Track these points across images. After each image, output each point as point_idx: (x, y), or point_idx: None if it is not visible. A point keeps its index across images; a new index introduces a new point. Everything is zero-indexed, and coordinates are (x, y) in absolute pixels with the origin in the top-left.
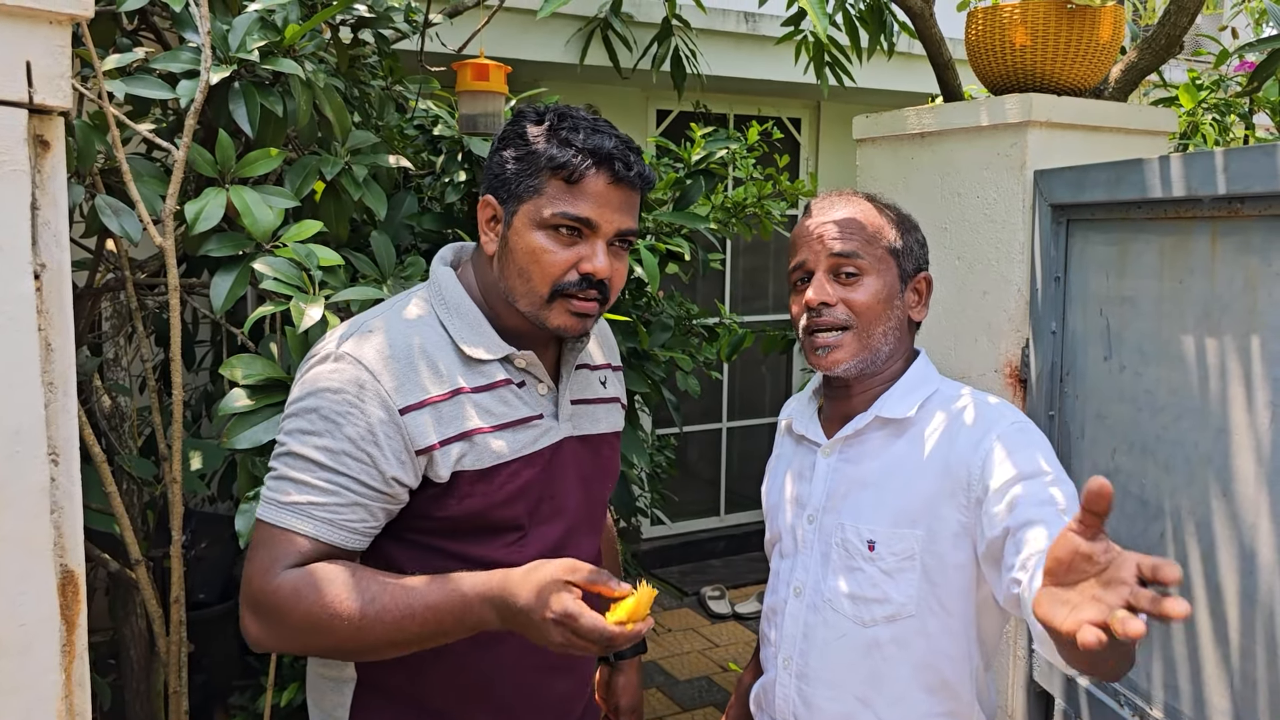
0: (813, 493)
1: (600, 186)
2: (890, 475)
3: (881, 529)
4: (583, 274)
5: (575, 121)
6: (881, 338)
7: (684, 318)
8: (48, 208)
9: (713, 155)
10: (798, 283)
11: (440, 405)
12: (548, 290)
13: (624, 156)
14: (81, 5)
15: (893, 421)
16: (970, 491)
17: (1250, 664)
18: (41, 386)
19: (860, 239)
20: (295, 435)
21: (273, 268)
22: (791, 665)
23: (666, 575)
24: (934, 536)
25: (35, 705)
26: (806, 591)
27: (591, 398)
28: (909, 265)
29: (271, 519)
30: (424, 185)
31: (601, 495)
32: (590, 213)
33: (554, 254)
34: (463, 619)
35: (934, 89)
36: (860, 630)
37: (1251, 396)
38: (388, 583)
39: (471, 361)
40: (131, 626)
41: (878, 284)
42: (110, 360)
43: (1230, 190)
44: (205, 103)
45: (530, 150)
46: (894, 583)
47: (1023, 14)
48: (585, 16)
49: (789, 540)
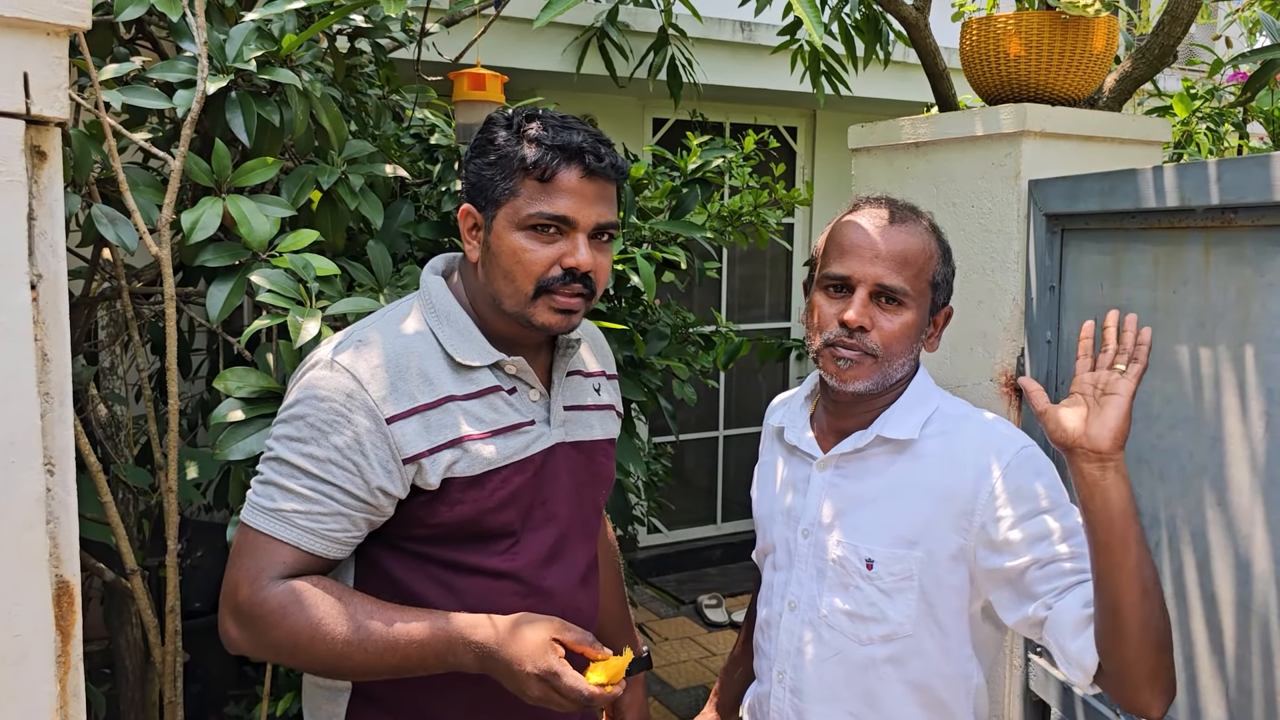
0: (807, 506)
1: (574, 182)
2: (891, 495)
3: (880, 549)
4: (565, 269)
5: (542, 120)
6: (900, 368)
7: (680, 326)
8: (44, 218)
9: (709, 164)
10: (831, 289)
11: (429, 413)
12: (532, 288)
13: (594, 149)
14: (79, 17)
15: (894, 441)
16: (972, 520)
17: (1245, 672)
18: (37, 396)
19: (911, 272)
20: (283, 441)
21: (269, 280)
22: (785, 680)
23: (663, 584)
24: (933, 558)
25: (30, 716)
26: (801, 607)
27: (585, 404)
28: (940, 299)
29: (256, 524)
30: (420, 194)
31: (595, 501)
32: (567, 209)
33: (535, 252)
34: (444, 658)
35: (930, 98)
36: (856, 648)
37: (1245, 406)
38: (375, 611)
39: (462, 369)
40: (127, 636)
41: (912, 317)
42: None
43: (1223, 201)
44: (202, 112)
45: (502, 154)
46: (891, 602)
47: (1017, 25)
48: (582, 25)
49: (783, 553)
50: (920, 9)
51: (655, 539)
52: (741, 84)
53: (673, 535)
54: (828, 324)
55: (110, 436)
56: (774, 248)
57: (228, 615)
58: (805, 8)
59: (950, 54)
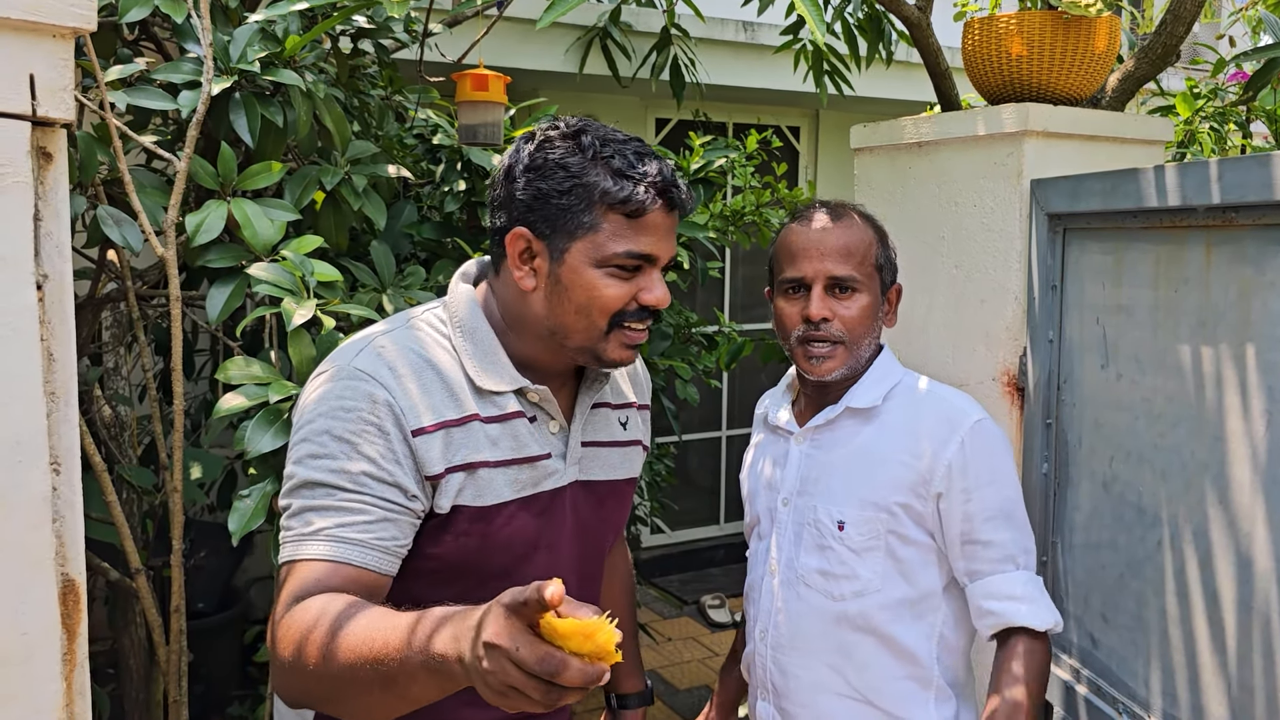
0: (786, 477)
1: (660, 218)
2: (859, 461)
3: (850, 511)
4: (642, 305)
5: (617, 146)
6: (865, 348)
7: (683, 326)
8: (50, 219)
9: (712, 164)
10: (789, 291)
11: (453, 430)
12: (606, 323)
13: (676, 183)
14: (85, 19)
15: (860, 411)
16: (930, 486)
17: (1247, 671)
18: (44, 396)
19: (856, 260)
20: (306, 463)
21: (268, 272)
22: (768, 637)
23: (666, 584)
24: (896, 519)
25: (36, 714)
26: (781, 568)
27: (606, 440)
28: (888, 278)
29: (299, 554)
30: (423, 195)
31: (600, 548)
32: (653, 248)
33: (616, 289)
34: (432, 676)
35: (932, 97)
36: (830, 604)
37: (1247, 405)
38: (373, 621)
39: (483, 391)
40: (131, 636)
41: (867, 300)
42: (110, 370)
43: (1224, 200)
44: (206, 113)
45: (579, 182)
46: (861, 560)
47: (1019, 24)
48: (584, 26)
49: (766, 522)
50: (923, 9)
51: (658, 539)
52: (744, 84)
53: (676, 535)
54: (794, 323)
55: (114, 437)
56: None
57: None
58: (808, 7)
59: (953, 53)
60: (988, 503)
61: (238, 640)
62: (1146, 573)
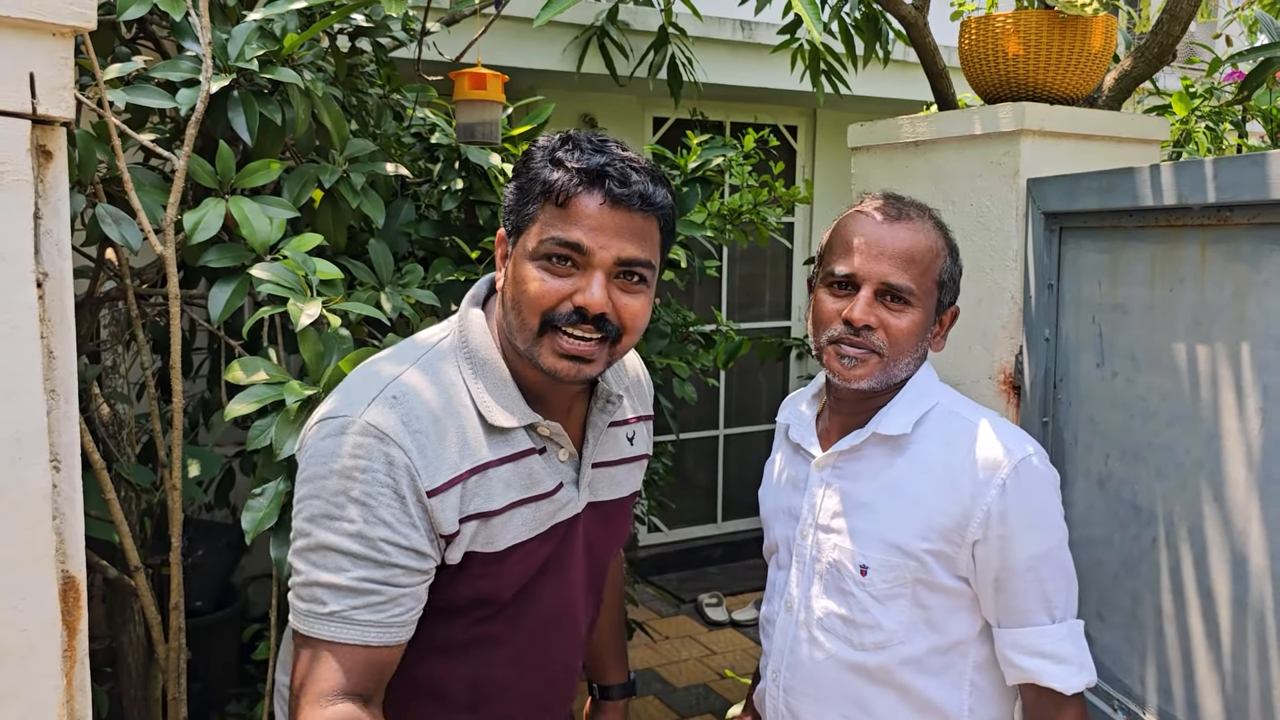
0: (805, 506)
1: (593, 208)
2: (888, 500)
3: (875, 555)
4: (576, 306)
5: (575, 142)
6: (904, 367)
7: (680, 325)
8: (50, 217)
9: (709, 162)
10: (836, 287)
11: (466, 483)
12: (536, 322)
13: (620, 174)
14: (84, 17)
15: (889, 439)
16: (965, 534)
17: (1242, 668)
18: (44, 394)
19: (918, 270)
20: (320, 522)
21: (270, 272)
22: (779, 678)
23: (664, 582)
24: (924, 566)
25: (36, 710)
26: (796, 607)
27: (615, 459)
28: (946, 298)
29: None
30: (421, 193)
31: (606, 561)
32: (581, 237)
33: (543, 284)
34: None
35: (929, 97)
36: (850, 652)
37: (1242, 403)
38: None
39: (495, 429)
40: (129, 634)
41: (919, 316)
42: (109, 368)
43: (1219, 199)
44: (204, 111)
45: (530, 177)
46: (884, 609)
47: (1015, 24)
48: (582, 24)
49: (784, 552)
50: (919, 8)
51: (656, 538)
52: (742, 83)
53: (673, 534)
54: (831, 321)
55: (113, 435)
56: (774, 246)
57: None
58: (805, 6)
59: (949, 53)
60: (1028, 551)
61: (236, 638)
62: (1142, 570)
